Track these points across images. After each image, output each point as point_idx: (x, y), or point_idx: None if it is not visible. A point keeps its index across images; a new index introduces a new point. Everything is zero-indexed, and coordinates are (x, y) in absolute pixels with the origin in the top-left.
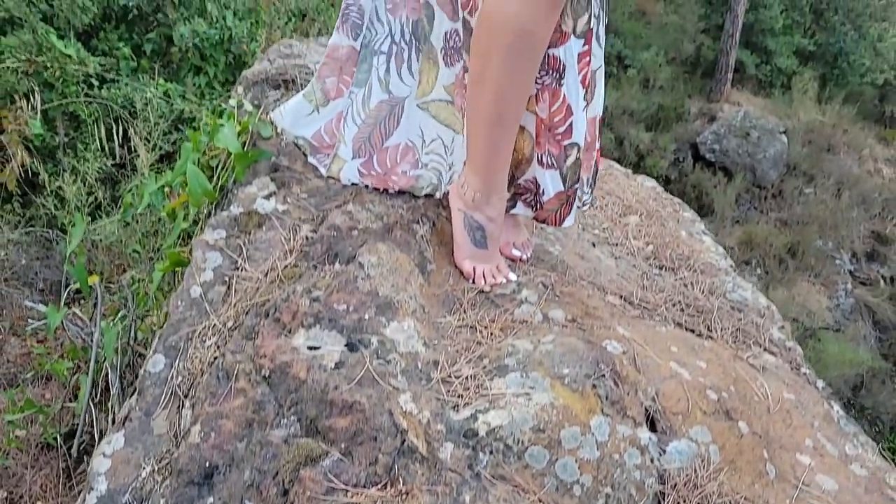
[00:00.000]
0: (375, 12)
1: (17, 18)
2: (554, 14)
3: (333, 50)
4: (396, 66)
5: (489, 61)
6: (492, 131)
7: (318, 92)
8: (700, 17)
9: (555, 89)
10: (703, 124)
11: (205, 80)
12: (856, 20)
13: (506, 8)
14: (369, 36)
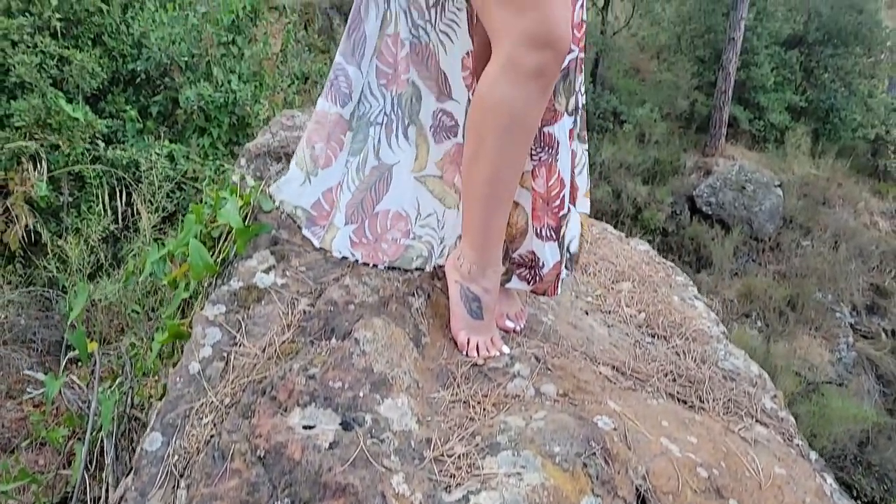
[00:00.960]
0: (369, 86)
1: (28, 83)
2: (544, 98)
3: (322, 116)
4: (386, 135)
5: (483, 142)
6: (486, 208)
7: (308, 159)
8: (693, 74)
9: (551, 164)
10: (699, 178)
11: (208, 140)
12: (845, 77)
13: (498, 92)
14: (364, 108)
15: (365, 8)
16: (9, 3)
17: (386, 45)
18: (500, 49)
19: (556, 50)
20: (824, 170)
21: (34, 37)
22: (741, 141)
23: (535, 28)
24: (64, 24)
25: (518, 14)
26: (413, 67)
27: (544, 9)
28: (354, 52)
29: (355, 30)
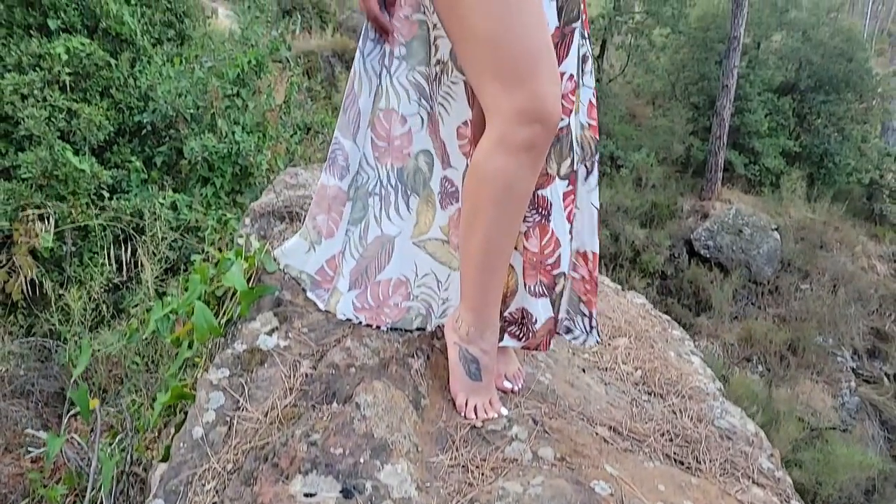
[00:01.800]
0: (365, 158)
1: (36, 136)
2: (536, 169)
3: (322, 189)
4: (384, 207)
5: (478, 211)
6: (482, 272)
7: (312, 230)
8: (688, 120)
9: (543, 225)
10: (697, 221)
11: (211, 190)
12: (838, 123)
13: (492, 164)
14: (361, 179)
15: (358, 84)
16: (20, 58)
17: (379, 120)
18: (492, 123)
19: (546, 125)
20: (820, 213)
21: (44, 90)
22: (737, 185)
23: (525, 105)
24: (73, 77)
25: (509, 92)
26: (429, 137)
27: (534, 87)
28: (350, 126)
29: (350, 105)
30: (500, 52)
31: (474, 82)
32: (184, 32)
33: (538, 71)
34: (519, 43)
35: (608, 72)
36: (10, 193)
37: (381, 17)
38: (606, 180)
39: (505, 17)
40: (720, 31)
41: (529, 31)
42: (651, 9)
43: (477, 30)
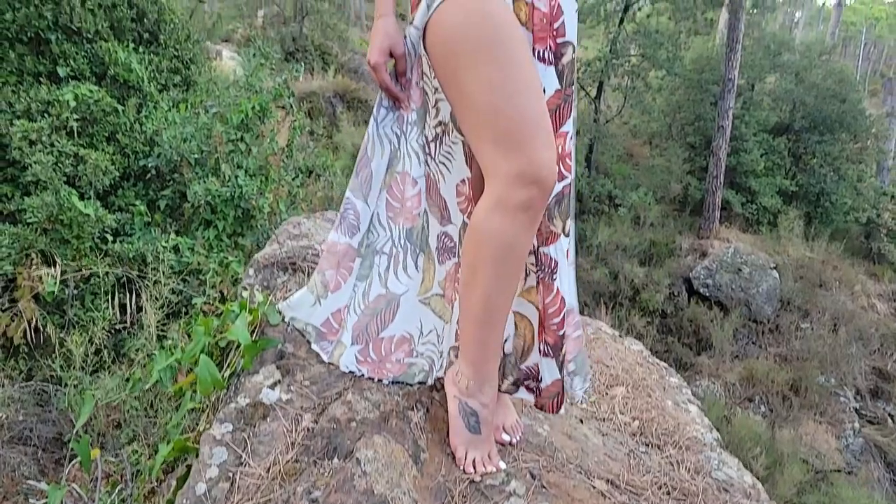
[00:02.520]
0: (378, 217)
1: (43, 181)
2: (532, 229)
3: (332, 245)
4: (393, 266)
5: (476, 269)
6: (482, 329)
7: (320, 285)
8: (684, 160)
9: (549, 283)
10: (695, 260)
11: (213, 233)
12: (833, 163)
13: (490, 224)
14: (371, 238)
15: (371, 148)
16: (29, 105)
17: (395, 182)
18: (491, 185)
19: (542, 187)
20: (819, 252)
21: (51, 136)
22: (735, 224)
23: (523, 169)
24: (80, 123)
25: (507, 156)
26: (424, 198)
27: (530, 152)
28: (362, 188)
29: (363, 168)
30: (499, 119)
31: (474, 146)
32: (190, 78)
33: (535, 136)
34: (516, 110)
35: (605, 112)
36: (15, 237)
37: (392, 88)
38: (605, 219)
39: (503, 86)
40: (714, 74)
41: (526, 99)
42: (646, 52)
43: (476, 97)
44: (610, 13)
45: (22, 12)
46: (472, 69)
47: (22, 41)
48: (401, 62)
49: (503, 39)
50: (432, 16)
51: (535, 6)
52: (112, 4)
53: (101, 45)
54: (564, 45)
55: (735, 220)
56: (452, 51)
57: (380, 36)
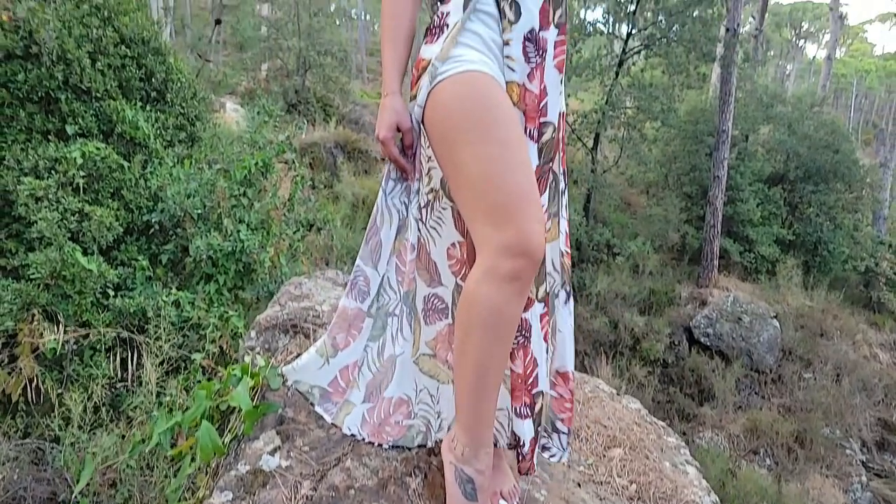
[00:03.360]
0: (388, 282)
1: (48, 237)
2: (522, 298)
3: (343, 311)
4: (400, 327)
5: (469, 337)
6: (475, 395)
7: (329, 347)
8: (682, 209)
9: (525, 347)
10: (695, 308)
11: (214, 287)
12: (829, 212)
13: (481, 293)
14: (383, 300)
15: (381, 218)
16: (37, 162)
17: (403, 247)
18: (481, 256)
19: (531, 258)
20: (818, 301)
21: (57, 192)
22: (734, 272)
23: (512, 241)
24: (86, 180)
25: (497, 228)
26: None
27: (520, 224)
28: (372, 255)
29: (373, 236)
30: (491, 192)
31: (466, 217)
32: (195, 134)
33: (525, 209)
34: (508, 185)
35: (602, 163)
36: (18, 293)
37: (400, 160)
38: (604, 268)
39: (496, 162)
40: (709, 125)
41: (517, 175)
42: (641, 105)
43: (470, 172)
44: (605, 67)
45: (34, 73)
46: (468, 145)
47: (32, 101)
48: (407, 136)
49: (497, 118)
50: (431, 93)
51: (526, 88)
52: (121, 65)
53: (110, 103)
54: (546, 124)
55: (734, 269)
56: (449, 127)
57: (388, 112)
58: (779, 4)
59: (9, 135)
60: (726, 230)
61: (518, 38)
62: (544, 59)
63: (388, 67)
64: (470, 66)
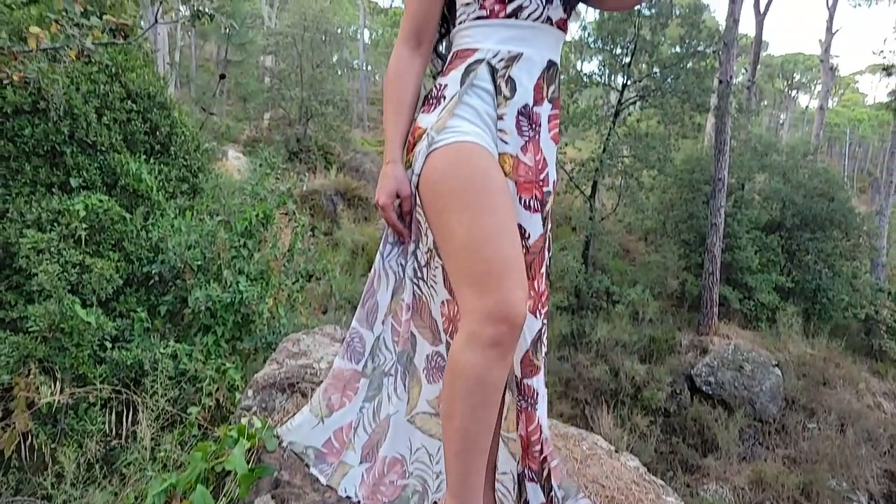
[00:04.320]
0: (384, 341)
1: (47, 290)
2: (504, 363)
3: (339, 372)
4: (395, 387)
5: (454, 401)
6: (462, 460)
7: (324, 407)
8: (680, 256)
9: (530, 413)
10: (696, 356)
11: (212, 338)
12: (827, 259)
13: (464, 358)
14: (379, 360)
15: (377, 281)
16: (40, 215)
17: (399, 308)
18: (464, 322)
19: (512, 325)
20: (820, 349)
21: (59, 244)
22: (734, 320)
23: (494, 308)
24: (89, 231)
25: (480, 295)
26: (412, 320)
27: (503, 292)
28: (368, 317)
29: (369, 298)
30: (475, 258)
31: (452, 282)
32: (197, 186)
33: (507, 277)
34: (492, 252)
35: (600, 210)
36: (15, 346)
37: (399, 225)
38: (603, 315)
39: (481, 228)
40: (705, 173)
41: (501, 243)
42: (638, 154)
43: (456, 235)
44: (601, 117)
45: (41, 128)
46: (455, 213)
47: (38, 154)
48: (406, 203)
49: (485, 187)
50: (426, 161)
51: (520, 160)
52: (127, 119)
53: (114, 156)
54: (549, 193)
55: (734, 316)
56: (439, 193)
57: (389, 179)
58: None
59: (13, 187)
60: (725, 277)
61: (512, 113)
62: (538, 133)
63: (390, 136)
64: (463, 136)
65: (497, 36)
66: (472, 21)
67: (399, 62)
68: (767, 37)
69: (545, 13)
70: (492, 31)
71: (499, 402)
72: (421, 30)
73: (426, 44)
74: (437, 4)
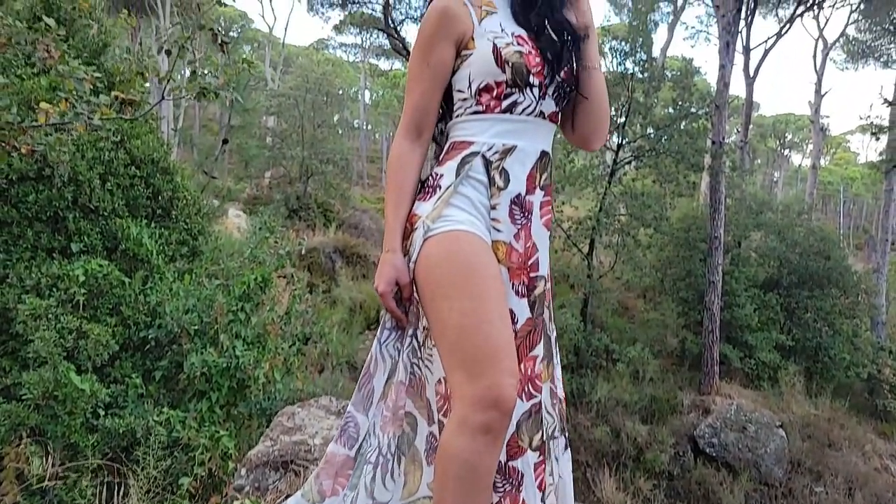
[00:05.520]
0: (373, 427)
1: (43, 357)
2: (495, 448)
3: (332, 456)
4: (381, 475)
5: (444, 488)
6: None
7: (316, 492)
8: (679, 314)
9: (514, 495)
10: (699, 417)
11: (206, 405)
12: (827, 317)
13: (454, 444)
14: (365, 446)
15: (374, 366)
16: (39, 280)
17: (392, 390)
18: (455, 407)
19: (501, 410)
20: (824, 410)
21: (56, 310)
22: (735, 379)
23: (484, 394)
24: (87, 296)
25: (470, 381)
26: (409, 400)
27: (493, 378)
28: (364, 402)
29: (366, 383)
30: (466, 344)
31: (444, 367)
32: (197, 248)
33: (497, 363)
34: (483, 338)
35: (598, 268)
36: (7, 414)
37: (397, 311)
38: (603, 373)
39: (472, 314)
40: (701, 231)
41: (492, 330)
42: (634, 212)
43: (448, 324)
44: (597, 177)
45: (44, 194)
46: (447, 299)
47: (41, 220)
48: (405, 290)
49: (478, 275)
50: (422, 248)
51: (512, 247)
52: (130, 184)
53: (116, 221)
54: (538, 278)
55: (735, 375)
56: (433, 280)
57: (388, 267)
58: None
59: (14, 253)
60: (725, 335)
61: (505, 203)
62: (530, 220)
63: (390, 225)
64: (457, 225)
65: (492, 130)
66: (469, 115)
67: (400, 153)
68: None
69: (538, 108)
70: (487, 125)
71: (490, 486)
72: (420, 123)
73: (426, 134)
74: (435, 99)
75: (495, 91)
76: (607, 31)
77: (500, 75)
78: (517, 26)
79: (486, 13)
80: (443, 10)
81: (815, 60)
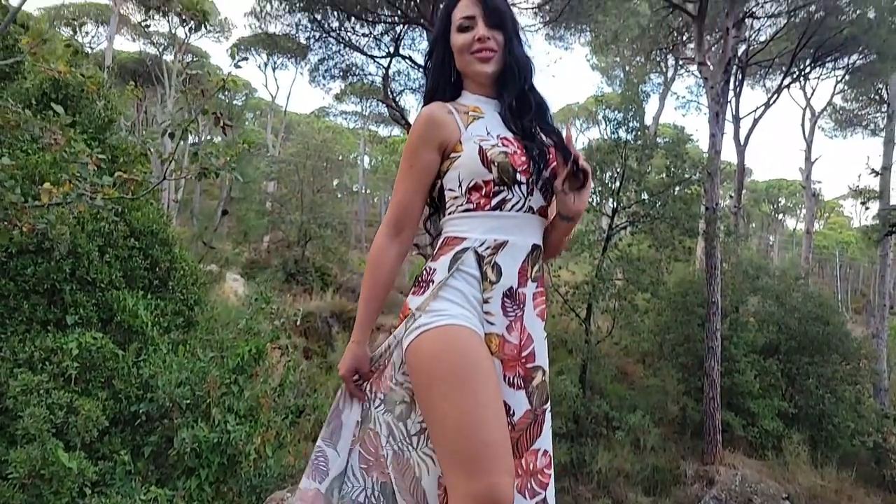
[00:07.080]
0: (352, 469)
1: (32, 434)
2: None
3: (304, 493)
4: None
5: None
6: None
7: None
8: (679, 380)
9: None
10: (703, 488)
11: (195, 482)
12: (828, 384)
13: None
14: (347, 488)
15: (344, 403)
16: (32, 353)
17: (369, 437)
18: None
19: None
20: (830, 480)
21: (48, 384)
22: (739, 447)
23: (480, 492)
24: (79, 370)
25: (467, 479)
26: (393, 472)
27: (490, 477)
28: (332, 436)
29: (334, 418)
30: (463, 443)
31: (440, 460)
32: (192, 319)
33: (495, 462)
34: (479, 438)
35: (596, 333)
36: None
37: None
38: (604, 442)
39: (469, 412)
40: (698, 296)
41: (490, 426)
42: (630, 277)
43: (445, 421)
44: (593, 242)
45: (43, 267)
46: (443, 396)
47: (38, 292)
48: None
49: (473, 371)
50: (413, 341)
51: (505, 339)
52: (128, 256)
53: (113, 293)
54: (534, 369)
55: (738, 443)
56: (428, 375)
57: (351, 357)
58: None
59: (9, 326)
60: (726, 402)
61: (498, 296)
62: (523, 312)
63: (360, 320)
64: (451, 319)
65: (484, 226)
66: (461, 213)
67: (379, 249)
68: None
69: (527, 203)
70: (479, 222)
71: None
72: (402, 219)
73: (406, 231)
74: (419, 199)
75: (484, 189)
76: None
77: (487, 175)
78: (504, 129)
79: (472, 118)
80: (427, 117)
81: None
